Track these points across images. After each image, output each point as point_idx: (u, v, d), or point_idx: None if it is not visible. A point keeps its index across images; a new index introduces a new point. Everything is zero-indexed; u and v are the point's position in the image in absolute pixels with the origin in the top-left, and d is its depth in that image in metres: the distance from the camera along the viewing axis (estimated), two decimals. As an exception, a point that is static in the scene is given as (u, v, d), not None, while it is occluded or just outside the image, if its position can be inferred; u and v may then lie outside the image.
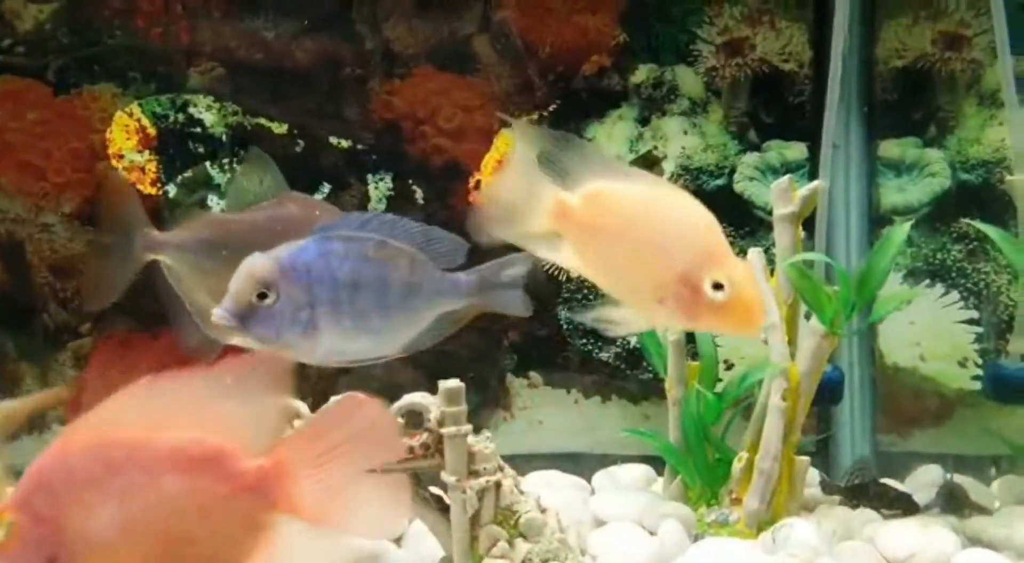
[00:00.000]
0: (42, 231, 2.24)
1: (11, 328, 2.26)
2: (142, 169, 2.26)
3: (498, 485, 1.45)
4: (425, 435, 1.46)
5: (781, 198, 1.82)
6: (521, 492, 1.48)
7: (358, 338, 1.37)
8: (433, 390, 1.53)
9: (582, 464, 2.25)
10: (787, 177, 1.82)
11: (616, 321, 1.29)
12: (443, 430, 1.45)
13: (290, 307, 1.32)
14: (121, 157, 2.25)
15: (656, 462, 2.14)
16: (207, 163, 2.28)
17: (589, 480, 2.13)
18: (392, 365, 2.42)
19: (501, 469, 1.47)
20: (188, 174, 2.27)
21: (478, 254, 1.43)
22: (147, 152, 2.26)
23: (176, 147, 2.26)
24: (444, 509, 1.50)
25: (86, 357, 2.28)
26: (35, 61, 2.23)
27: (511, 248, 1.40)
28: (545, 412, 2.35)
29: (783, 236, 1.81)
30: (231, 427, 0.95)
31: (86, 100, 2.23)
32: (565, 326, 2.33)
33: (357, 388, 1.67)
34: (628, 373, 2.31)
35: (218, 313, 1.32)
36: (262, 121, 2.30)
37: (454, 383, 1.49)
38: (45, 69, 2.22)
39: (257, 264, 1.33)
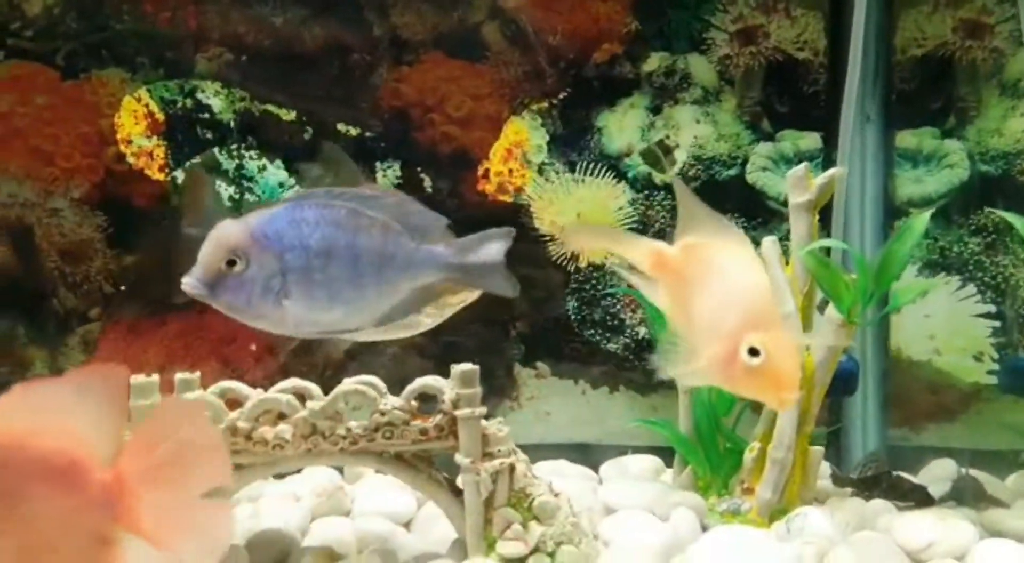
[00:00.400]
0: (51, 216, 2.15)
1: (21, 313, 2.17)
2: (150, 154, 2.17)
3: (512, 468, 1.38)
4: (439, 417, 1.38)
5: (797, 186, 1.71)
6: (534, 476, 1.40)
7: (331, 308, 1.29)
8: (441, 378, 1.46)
9: (589, 455, 2.15)
10: (803, 165, 1.72)
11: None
12: (457, 412, 1.38)
13: (261, 275, 1.25)
14: (129, 142, 2.16)
15: (664, 453, 2.04)
16: (215, 149, 2.19)
17: (596, 470, 2.04)
18: (399, 354, 2.36)
19: (514, 453, 1.38)
20: (196, 160, 2.18)
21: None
22: (155, 137, 2.16)
23: (184, 133, 2.17)
24: (456, 492, 1.42)
25: (95, 342, 2.20)
26: (44, 46, 2.14)
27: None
28: (553, 402, 2.25)
29: (799, 224, 1.71)
30: (85, 437, 0.90)
31: (94, 85, 2.14)
32: (573, 316, 2.23)
33: (371, 372, 1.61)
34: (636, 364, 2.21)
35: (186, 281, 1.26)
36: (270, 108, 2.21)
37: (468, 366, 1.41)
38: (54, 54, 2.13)
39: (227, 230, 1.26)
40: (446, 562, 1.41)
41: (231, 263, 1.26)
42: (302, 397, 1.43)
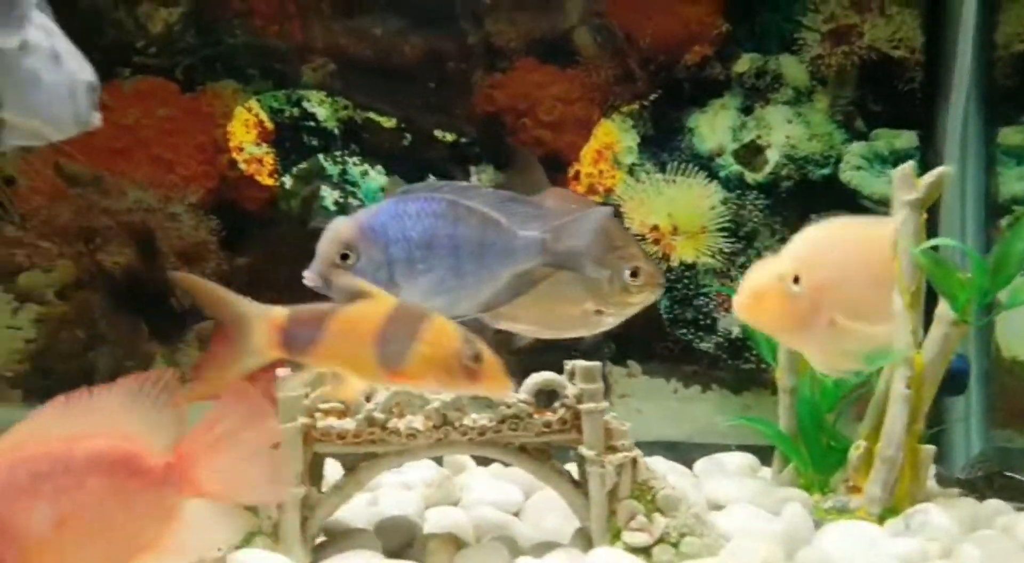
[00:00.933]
0: (170, 220, 2.19)
1: (143, 311, 2.22)
2: (260, 161, 2.19)
3: (634, 461, 1.34)
4: (562, 411, 1.35)
5: (904, 184, 1.61)
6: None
7: (435, 295, 1.29)
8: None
9: (681, 452, 2.08)
10: (909, 163, 1.62)
11: None
12: (581, 406, 1.35)
13: (370, 267, 1.27)
14: (241, 150, 2.19)
15: (757, 451, 1.97)
16: (320, 155, 2.20)
17: (690, 467, 1.97)
18: (498, 347, 2.33)
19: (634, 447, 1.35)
20: (303, 165, 2.19)
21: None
22: (265, 145, 2.18)
23: (291, 140, 2.19)
24: (576, 484, 1.39)
25: (208, 338, 2.23)
26: (164, 61, 2.18)
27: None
28: (644, 401, 2.18)
29: (907, 223, 1.60)
30: (137, 432, 1.04)
31: (210, 97, 2.17)
32: (665, 315, 2.16)
33: None
34: (728, 363, 2.13)
35: (306, 275, 1.29)
36: (372, 115, 2.20)
37: (593, 363, 1.39)
38: (173, 69, 2.17)
39: (340, 227, 1.28)
40: (570, 551, 1.37)
41: (344, 257, 1.28)
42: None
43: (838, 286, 1.44)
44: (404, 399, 1.43)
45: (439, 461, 1.95)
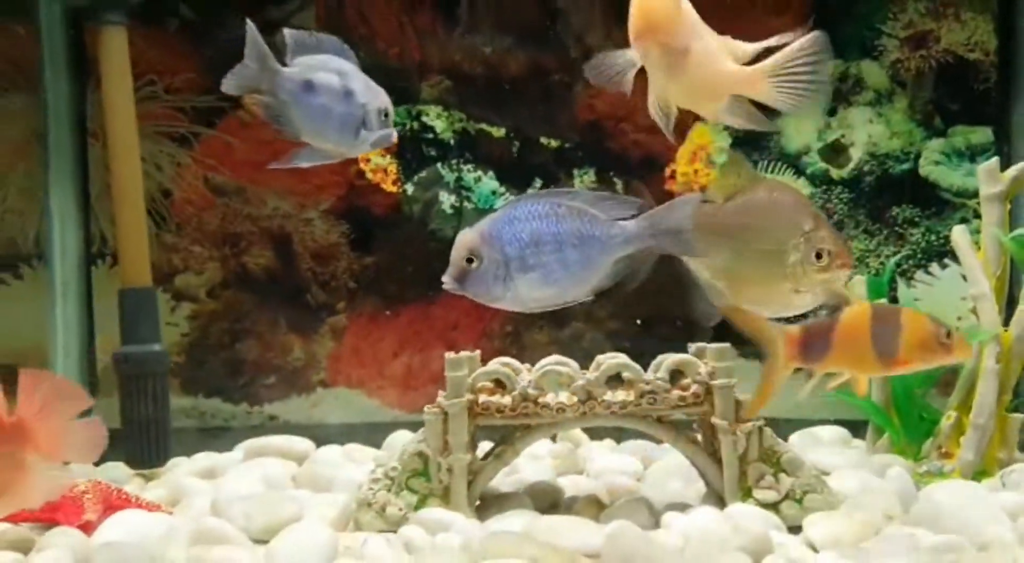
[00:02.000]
0: (305, 225, 2.43)
1: (282, 306, 2.46)
2: (384, 171, 2.41)
3: (761, 429, 1.52)
4: (695, 386, 1.55)
5: (989, 178, 1.78)
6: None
7: (546, 286, 1.48)
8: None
9: (776, 427, 2.27)
10: (994, 159, 1.79)
11: None
12: (714, 382, 1.53)
13: (491, 267, 1.46)
14: (367, 161, 2.41)
15: (847, 424, 2.14)
16: (438, 164, 2.41)
17: (786, 440, 2.14)
18: (597, 338, 2.53)
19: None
20: (423, 174, 2.41)
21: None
22: (389, 156, 2.41)
23: (412, 151, 2.40)
24: (707, 450, 1.59)
25: (342, 330, 2.46)
26: (298, 82, 2.41)
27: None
28: (740, 380, 2.37)
29: (991, 214, 1.78)
30: None
31: (339, 113, 2.40)
32: (758, 301, 2.35)
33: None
34: (819, 343, 2.31)
35: (444, 280, 1.48)
36: (483, 126, 2.42)
37: (725, 344, 1.57)
38: (307, 88, 2.40)
39: (465, 236, 1.48)
40: (706, 508, 1.56)
41: (470, 261, 1.47)
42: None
43: None
44: (553, 377, 1.64)
45: (552, 437, 2.16)
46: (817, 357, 1.43)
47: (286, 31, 1.52)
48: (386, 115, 1.52)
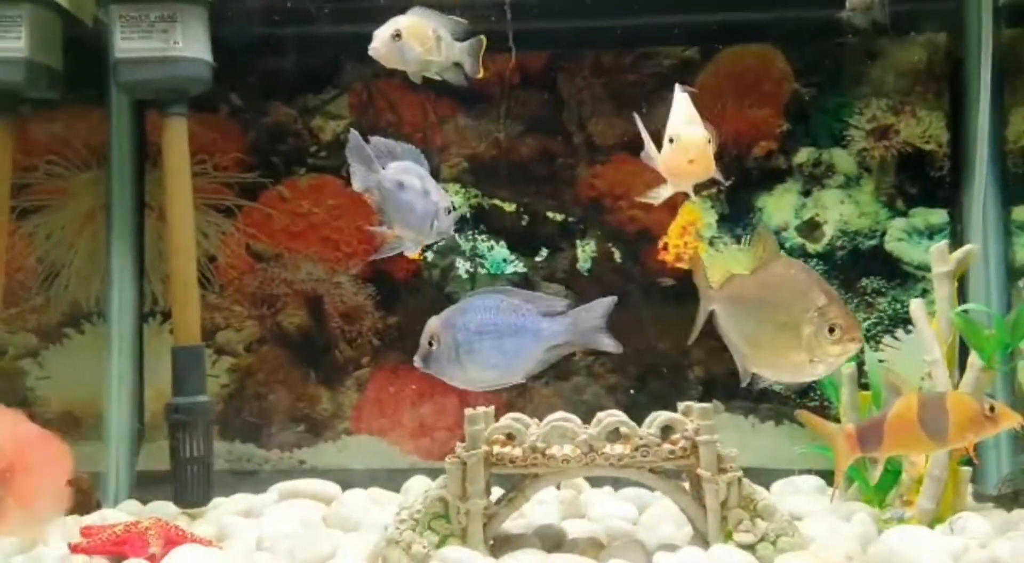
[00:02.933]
0: (335, 288, 2.68)
1: (313, 361, 2.70)
2: (408, 240, 2.68)
3: (740, 479, 1.74)
4: (682, 441, 1.77)
5: (939, 258, 2.03)
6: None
7: (488, 369, 1.74)
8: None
9: (757, 477, 2.47)
10: (944, 242, 2.04)
11: None
12: (699, 438, 1.76)
13: (445, 349, 1.72)
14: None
15: (823, 474, 2.35)
16: (455, 235, 2.68)
17: (768, 488, 2.36)
18: (597, 392, 2.76)
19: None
20: (441, 242, 2.67)
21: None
22: (412, 227, 2.68)
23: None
24: (693, 497, 1.80)
25: (365, 383, 2.70)
26: (332, 162, 2.69)
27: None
28: (726, 434, 2.58)
29: (942, 289, 2.02)
30: None
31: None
32: (742, 361, 2.58)
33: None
34: (798, 402, 2.55)
35: (415, 359, 1.76)
36: (496, 202, 2.69)
37: (708, 404, 1.81)
38: (340, 167, 2.68)
39: (430, 322, 1.75)
40: (692, 548, 1.77)
41: (430, 344, 1.74)
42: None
43: None
44: (559, 431, 1.86)
45: (557, 485, 2.37)
46: (873, 446, 1.65)
47: (374, 139, 1.81)
48: (448, 211, 1.80)
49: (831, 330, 1.54)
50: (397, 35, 1.81)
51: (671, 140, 1.71)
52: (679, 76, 2.58)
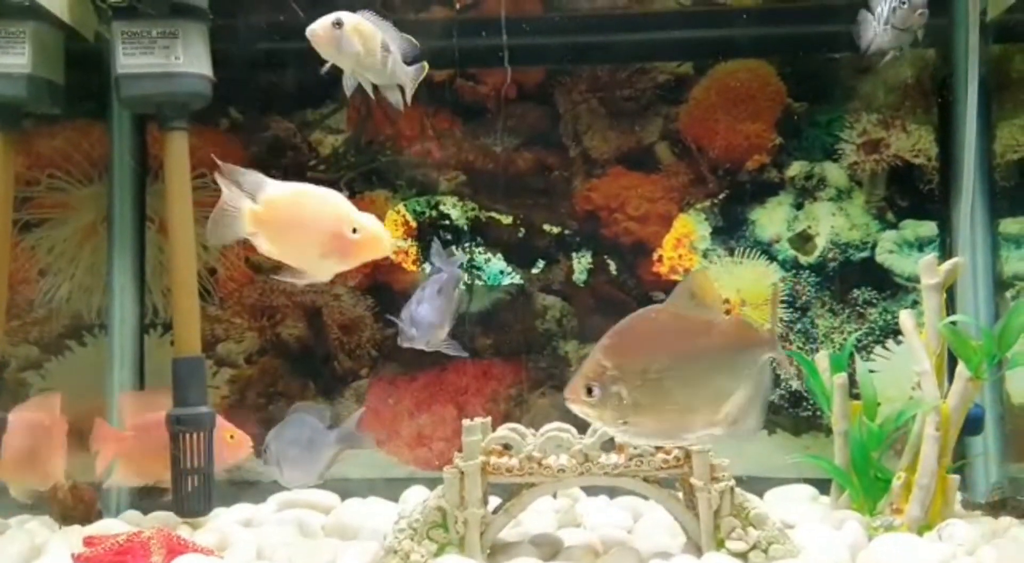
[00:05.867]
0: (334, 300, 2.73)
1: (312, 372, 2.73)
2: (406, 252, 2.72)
3: (732, 488, 1.79)
4: (676, 451, 1.82)
5: (928, 271, 2.08)
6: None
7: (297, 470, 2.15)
8: None
9: (752, 485, 2.51)
10: (932, 255, 2.09)
11: None
12: (692, 448, 1.81)
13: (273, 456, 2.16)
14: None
15: (815, 483, 2.40)
16: (453, 247, 2.72)
17: (761, 496, 2.40)
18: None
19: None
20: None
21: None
22: (410, 240, 2.72)
23: (430, 235, 2.71)
24: (686, 505, 1.84)
25: (364, 393, 2.74)
26: (332, 175, 2.74)
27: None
28: (720, 444, 2.62)
29: (930, 301, 2.07)
30: None
31: (367, 202, 2.71)
32: (736, 371, 2.63)
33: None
34: (790, 411, 2.59)
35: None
36: (493, 214, 2.73)
37: None
38: (338, 180, 2.73)
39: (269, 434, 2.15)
40: (686, 556, 1.81)
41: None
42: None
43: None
44: (555, 441, 1.90)
45: (553, 494, 2.41)
46: None
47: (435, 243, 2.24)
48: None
49: None
50: (339, 24, 1.81)
51: None
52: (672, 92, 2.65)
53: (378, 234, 1.80)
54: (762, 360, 1.50)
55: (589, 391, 1.41)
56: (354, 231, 1.78)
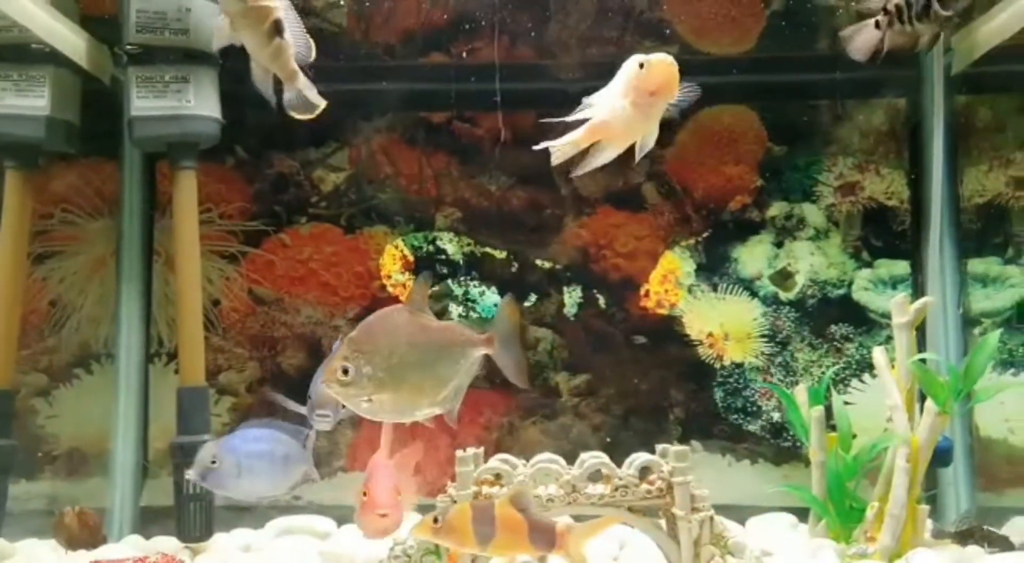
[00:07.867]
0: (333, 331, 2.82)
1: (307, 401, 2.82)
2: (404, 285, 2.83)
3: (711, 518, 1.88)
4: (659, 482, 1.92)
5: (899, 310, 2.20)
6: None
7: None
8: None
9: (733, 513, 2.61)
10: (903, 294, 2.21)
11: None
12: (674, 479, 1.90)
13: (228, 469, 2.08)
14: (389, 277, 2.83)
15: (794, 511, 2.49)
16: (449, 280, 2.83)
17: (743, 524, 2.50)
18: (583, 431, 2.90)
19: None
20: (435, 288, 2.82)
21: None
22: (407, 273, 2.83)
23: (427, 269, 2.82)
24: (668, 534, 1.93)
25: (360, 422, 2.81)
26: (333, 211, 2.85)
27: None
28: (704, 472, 2.73)
29: (901, 339, 2.19)
30: None
31: (366, 238, 2.83)
32: (720, 404, 2.74)
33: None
34: (770, 442, 2.70)
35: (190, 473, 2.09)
36: (488, 250, 2.85)
37: (683, 447, 1.94)
38: (339, 217, 2.84)
39: (208, 446, 2.09)
40: (668, 582, 1.91)
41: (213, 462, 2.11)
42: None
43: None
44: (544, 472, 2.00)
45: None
46: None
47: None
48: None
49: None
50: None
51: (641, 65, 1.66)
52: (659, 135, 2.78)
53: None
54: (475, 357, 1.78)
55: (345, 372, 1.62)
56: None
